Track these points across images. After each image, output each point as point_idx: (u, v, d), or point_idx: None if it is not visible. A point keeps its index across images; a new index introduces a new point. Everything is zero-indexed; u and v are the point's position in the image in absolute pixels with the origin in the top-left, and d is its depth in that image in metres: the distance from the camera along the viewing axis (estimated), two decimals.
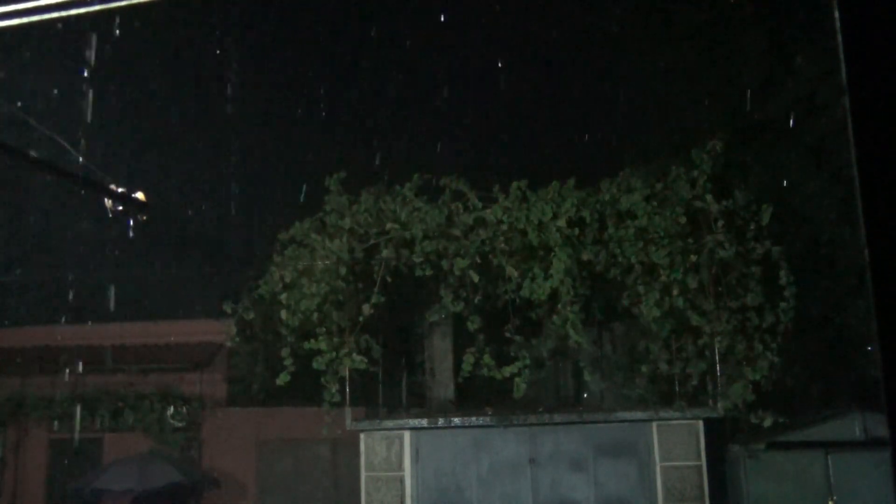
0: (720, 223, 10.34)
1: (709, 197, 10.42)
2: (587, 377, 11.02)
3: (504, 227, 10.58)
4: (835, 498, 10.66)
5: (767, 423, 10.17)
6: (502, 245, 10.51)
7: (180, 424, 15.42)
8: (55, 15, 6.04)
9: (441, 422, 11.00)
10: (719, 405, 10.46)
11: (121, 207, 7.25)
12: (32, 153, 7.27)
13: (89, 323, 16.96)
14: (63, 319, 17.16)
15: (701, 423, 10.58)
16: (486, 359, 10.27)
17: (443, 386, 11.87)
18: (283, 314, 10.62)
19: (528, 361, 10.30)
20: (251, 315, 11.14)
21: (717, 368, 10.49)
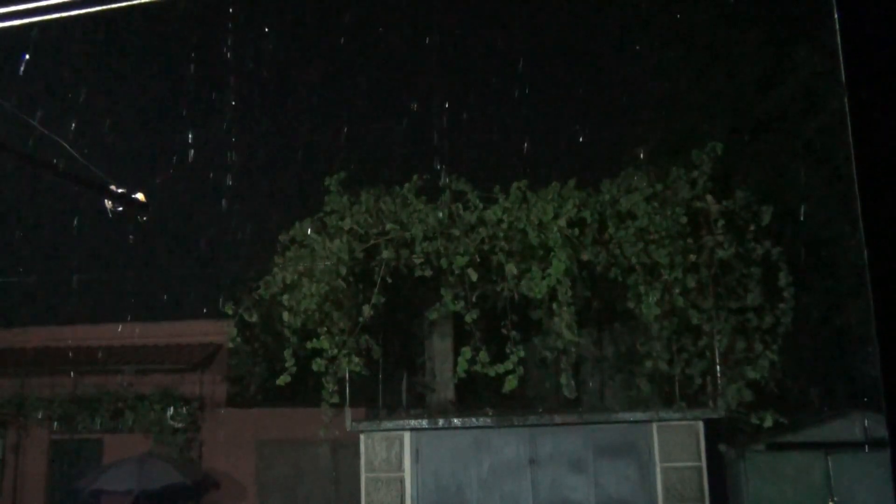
0: (720, 223, 10.33)
1: (709, 197, 10.42)
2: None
3: (504, 226, 10.57)
4: (835, 498, 10.64)
5: (768, 423, 10.15)
6: (502, 244, 10.49)
7: (180, 425, 15.41)
8: (55, 16, 6.04)
9: (441, 422, 10.99)
10: (719, 406, 10.45)
11: (121, 208, 7.25)
12: (33, 153, 7.27)
13: (89, 323, 16.96)
14: (63, 319, 17.16)
15: (701, 423, 10.57)
16: (482, 355, 10.21)
17: (443, 386, 11.86)
18: (285, 316, 10.60)
19: (521, 354, 10.19)
20: (253, 316, 11.10)
21: (718, 369, 10.49)
